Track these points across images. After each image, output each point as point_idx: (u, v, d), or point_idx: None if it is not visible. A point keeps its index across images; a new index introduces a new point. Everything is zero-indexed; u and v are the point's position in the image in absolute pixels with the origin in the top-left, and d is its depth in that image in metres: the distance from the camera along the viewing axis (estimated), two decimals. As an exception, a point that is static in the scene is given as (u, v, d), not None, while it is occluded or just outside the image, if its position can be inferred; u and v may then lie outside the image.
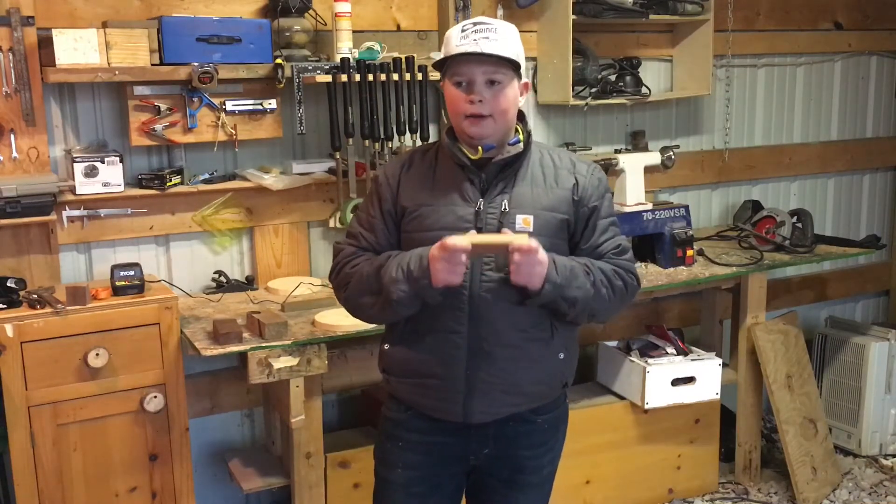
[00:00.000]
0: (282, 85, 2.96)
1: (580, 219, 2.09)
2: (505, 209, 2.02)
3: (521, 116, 2.10)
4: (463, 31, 1.96)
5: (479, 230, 2.00)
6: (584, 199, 2.08)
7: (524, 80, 2.05)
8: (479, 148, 2.02)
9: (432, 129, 3.32)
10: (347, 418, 3.46)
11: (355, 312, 2.14)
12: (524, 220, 2.02)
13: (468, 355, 2.03)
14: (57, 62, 2.68)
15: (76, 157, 2.80)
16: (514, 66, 1.98)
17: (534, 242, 1.90)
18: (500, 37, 1.96)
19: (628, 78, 3.69)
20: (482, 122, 1.98)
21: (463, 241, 1.88)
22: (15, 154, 2.77)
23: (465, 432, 2.11)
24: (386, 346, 2.16)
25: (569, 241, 2.10)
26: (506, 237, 1.91)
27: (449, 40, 2.00)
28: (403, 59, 3.13)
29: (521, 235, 1.91)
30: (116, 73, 2.74)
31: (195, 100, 2.94)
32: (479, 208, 2.02)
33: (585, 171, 2.11)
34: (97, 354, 2.59)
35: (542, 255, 1.92)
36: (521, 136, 2.08)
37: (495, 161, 2.03)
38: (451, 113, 2.03)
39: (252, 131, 3.05)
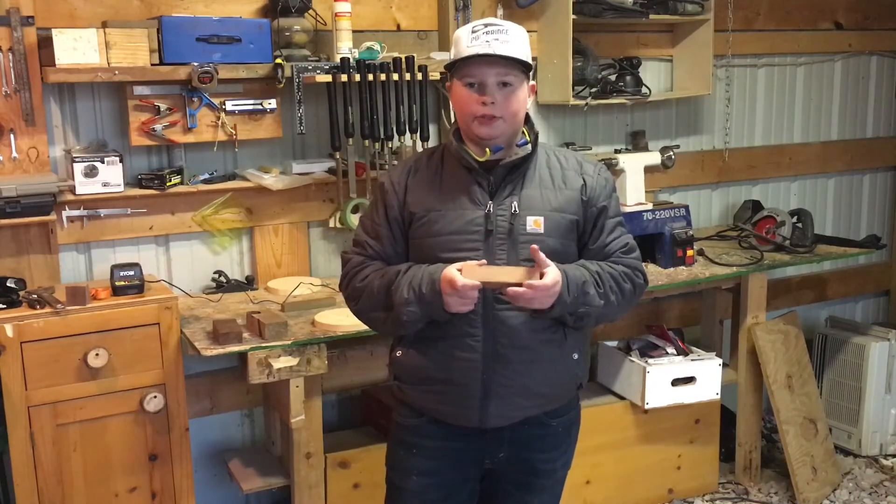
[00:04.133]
0: (282, 85, 2.96)
1: (589, 219, 2.08)
2: (515, 211, 2.01)
3: (527, 118, 2.08)
4: (474, 31, 1.95)
5: (490, 233, 2.00)
6: (593, 199, 2.08)
7: (531, 81, 2.04)
8: (487, 150, 2.00)
9: (432, 129, 3.32)
10: (347, 418, 3.45)
11: (368, 324, 2.14)
12: (535, 222, 2.01)
13: (483, 359, 2.01)
14: (57, 62, 2.68)
15: (76, 157, 2.80)
16: (525, 68, 1.98)
17: (549, 278, 1.88)
18: (512, 38, 1.95)
19: (628, 78, 3.69)
20: (493, 122, 1.97)
21: (473, 280, 1.87)
22: (15, 154, 2.77)
23: (480, 436, 2.10)
24: (398, 353, 2.13)
25: (577, 241, 2.09)
26: (517, 275, 1.89)
27: (459, 41, 1.98)
28: (403, 59, 3.12)
29: (530, 270, 1.90)
30: (116, 73, 2.74)
31: (195, 100, 2.94)
32: (489, 211, 2.01)
33: (592, 171, 2.11)
34: (97, 354, 2.59)
35: (557, 287, 1.90)
36: (528, 138, 2.07)
37: (503, 163, 2.02)
38: (461, 114, 2.02)
39: (252, 131, 3.05)
